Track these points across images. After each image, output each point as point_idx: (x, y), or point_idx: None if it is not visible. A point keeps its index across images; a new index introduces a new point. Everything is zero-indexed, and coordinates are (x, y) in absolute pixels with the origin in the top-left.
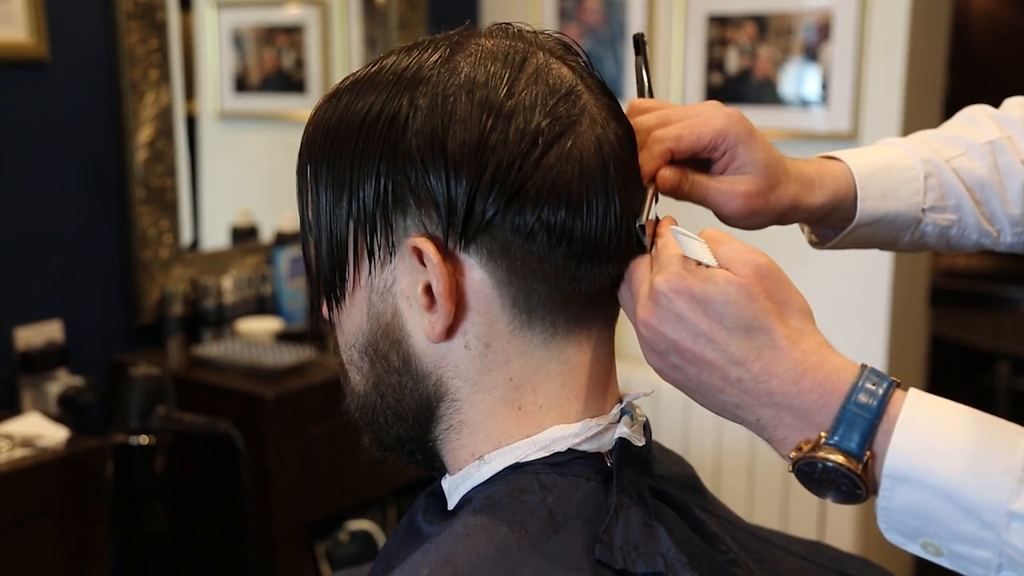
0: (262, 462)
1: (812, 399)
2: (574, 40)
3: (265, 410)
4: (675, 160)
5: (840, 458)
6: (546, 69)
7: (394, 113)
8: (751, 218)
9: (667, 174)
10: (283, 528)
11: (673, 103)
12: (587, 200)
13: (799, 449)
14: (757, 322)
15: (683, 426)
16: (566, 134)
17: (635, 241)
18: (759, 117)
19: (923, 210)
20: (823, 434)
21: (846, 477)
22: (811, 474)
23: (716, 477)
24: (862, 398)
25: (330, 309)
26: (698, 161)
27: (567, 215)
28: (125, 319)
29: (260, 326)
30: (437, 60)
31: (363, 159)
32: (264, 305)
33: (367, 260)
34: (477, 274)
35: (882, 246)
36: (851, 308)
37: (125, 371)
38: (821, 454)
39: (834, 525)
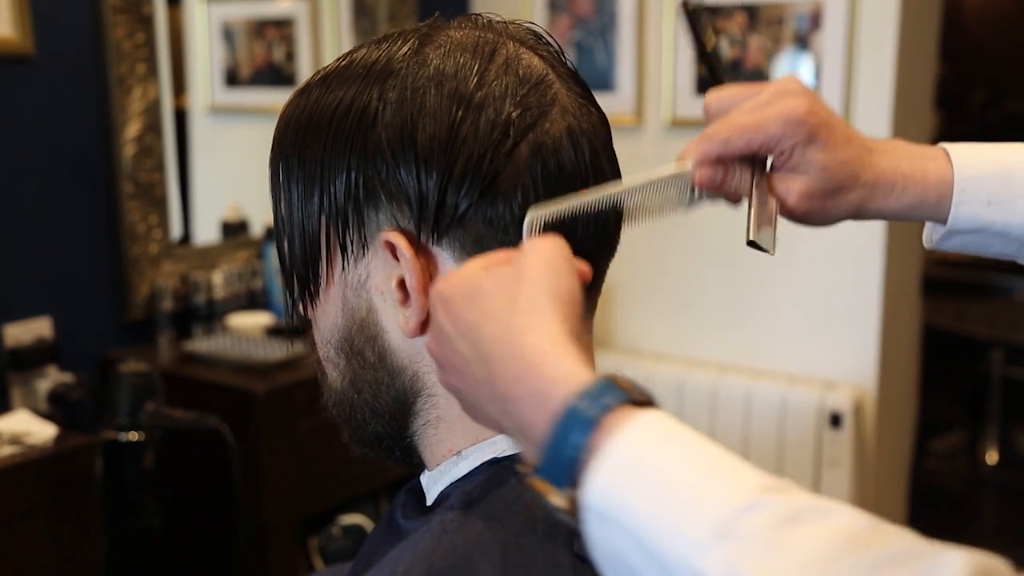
0: (254, 457)
1: (527, 410)
2: (545, 29)
3: (256, 405)
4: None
5: (545, 488)
6: (516, 59)
7: (364, 106)
8: (807, 217)
9: (704, 172)
10: (275, 523)
11: (756, 86)
12: (560, 191)
13: (529, 471)
14: (487, 308)
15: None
16: (537, 124)
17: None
18: None
19: None
20: (535, 460)
21: (555, 511)
22: (536, 497)
23: None
24: (569, 424)
25: (305, 306)
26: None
27: None
28: (115, 315)
29: (251, 321)
30: (406, 52)
31: (333, 153)
32: (255, 300)
33: (340, 255)
34: (451, 267)
35: (1009, 258)
36: (843, 298)
37: (115, 367)
38: (532, 481)
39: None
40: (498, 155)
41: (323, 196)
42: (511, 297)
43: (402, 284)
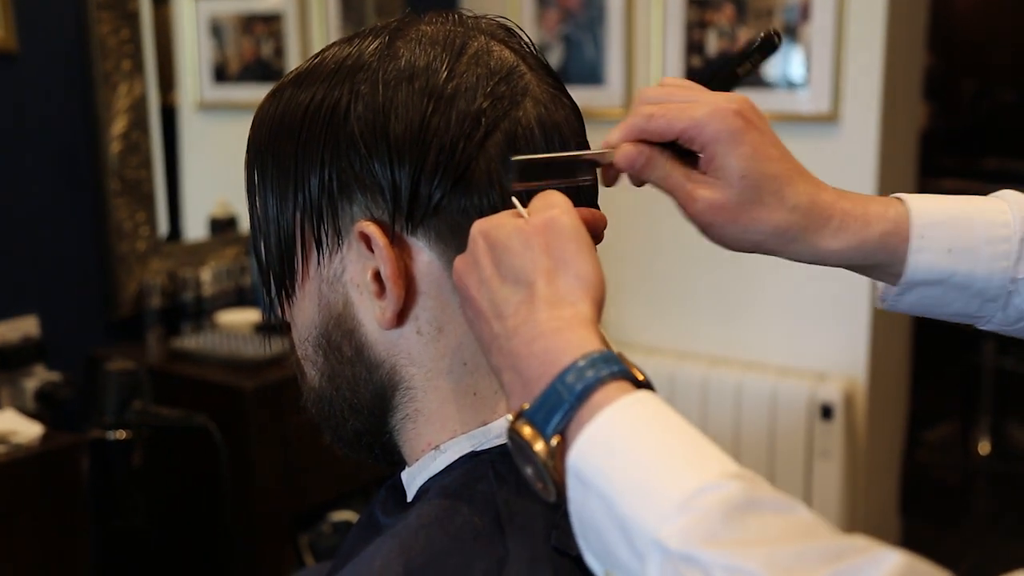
0: (243, 454)
1: (535, 366)
2: (516, 24)
3: (245, 402)
4: (649, 142)
5: (528, 431)
6: (487, 51)
7: (335, 101)
8: (717, 230)
9: (627, 148)
10: (266, 520)
11: (703, 90)
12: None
13: (518, 419)
14: (524, 273)
15: None
16: (509, 114)
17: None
18: None
19: (1013, 280)
20: (526, 405)
21: (531, 459)
22: (514, 448)
23: None
24: (571, 378)
25: (282, 305)
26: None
27: None
28: (102, 313)
29: (239, 318)
30: (377, 47)
31: (307, 149)
32: (243, 296)
33: (315, 250)
34: (425, 256)
35: (968, 319)
36: (833, 290)
37: (103, 365)
38: (516, 424)
39: (819, 514)
40: (470, 145)
41: (298, 192)
42: (550, 272)
43: (377, 276)
